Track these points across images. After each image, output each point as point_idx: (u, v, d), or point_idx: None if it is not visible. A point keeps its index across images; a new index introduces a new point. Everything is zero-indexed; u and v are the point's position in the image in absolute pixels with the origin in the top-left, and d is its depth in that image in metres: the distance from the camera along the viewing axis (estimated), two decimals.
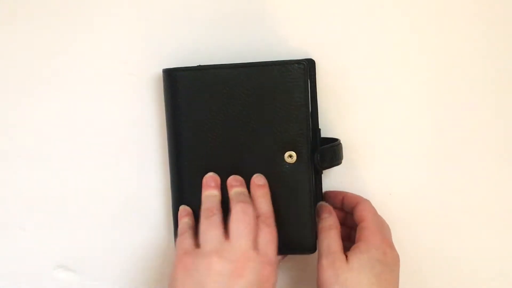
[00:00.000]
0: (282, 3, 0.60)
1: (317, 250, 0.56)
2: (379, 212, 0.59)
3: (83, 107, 0.62)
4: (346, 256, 0.54)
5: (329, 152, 0.58)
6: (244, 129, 0.56)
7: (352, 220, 0.59)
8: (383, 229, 0.56)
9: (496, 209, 0.62)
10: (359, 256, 0.53)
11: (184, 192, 0.58)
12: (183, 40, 0.60)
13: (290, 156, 0.56)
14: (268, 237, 0.53)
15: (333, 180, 0.62)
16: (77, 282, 0.63)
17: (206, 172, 0.56)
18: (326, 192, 0.61)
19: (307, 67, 0.56)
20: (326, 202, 0.60)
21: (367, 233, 0.54)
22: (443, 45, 0.60)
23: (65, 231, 0.62)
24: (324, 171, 0.60)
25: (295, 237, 0.57)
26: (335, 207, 0.60)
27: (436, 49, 0.60)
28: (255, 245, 0.52)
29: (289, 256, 0.59)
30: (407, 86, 0.61)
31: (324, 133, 0.60)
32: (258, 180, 0.56)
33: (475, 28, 0.60)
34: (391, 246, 0.55)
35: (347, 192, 0.60)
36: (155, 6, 0.60)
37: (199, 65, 0.57)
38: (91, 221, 0.62)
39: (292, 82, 0.56)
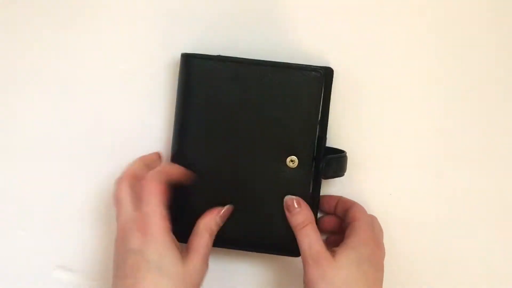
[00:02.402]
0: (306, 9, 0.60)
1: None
2: (379, 212, 0.60)
3: (84, 107, 0.62)
4: (333, 252, 0.53)
5: (334, 162, 0.58)
6: (250, 126, 0.56)
7: (345, 226, 0.58)
8: (374, 228, 0.56)
9: (496, 210, 0.62)
10: (347, 253, 0.53)
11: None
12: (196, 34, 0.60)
13: (292, 161, 0.56)
14: None
15: (334, 180, 0.62)
16: (77, 282, 0.63)
17: (206, 166, 0.57)
18: (322, 196, 0.60)
19: (323, 76, 0.56)
20: (322, 206, 0.60)
21: (357, 230, 0.54)
22: (454, 58, 0.61)
23: (65, 231, 0.62)
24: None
25: (287, 239, 0.56)
26: (329, 213, 0.61)
27: (449, 64, 0.61)
28: None
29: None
30: (407, 85, 0.61)
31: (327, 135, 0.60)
32: None
33: (476, 27, 0.60)
34: (379, 246, 0.55)
35: (341, 196, 0.60)
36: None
37: (219, 55, 0.57)
38: (91, 221, 0.62)
39: (306, 89, 0.56)
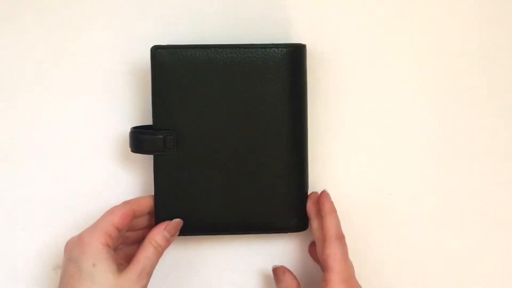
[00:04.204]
0: None
1: None
2: (379, 212, 0.60)
3: (82, 107, 0.62)
4: None
5: None
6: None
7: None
8: (349, 280, 0.55)
9: (496, 209, 0.62)
10: None
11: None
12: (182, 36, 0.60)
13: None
14: None
15: (332, 179, 0.62)
16: None
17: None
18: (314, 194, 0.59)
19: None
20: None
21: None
22: (443, 44, 0.61)
23: (65, 231, 0.62)
24: (324, 171, 0.61)
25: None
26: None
27: (437, 49, 0.61)
28: None
29: None
30: (406, 83, 0.62)
31: (318, 131, 0.61)
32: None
33: (475, 27, 0.61)
34: None
35: (323, 198, 0.58)
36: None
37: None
38: (91, 221, 0.62)
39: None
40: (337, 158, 0.62)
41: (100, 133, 0.62)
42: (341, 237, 0.56)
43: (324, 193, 0.58)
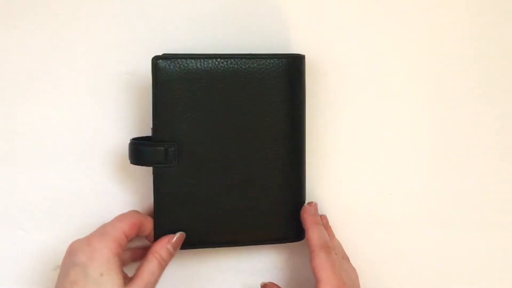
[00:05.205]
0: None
1: None
2: (379, 212, 0.60)
3: (82, 107, 0.62)
4: None
5: None
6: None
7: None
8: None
9: (496, 209, 0.63)
10: None
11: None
12: (181, 38, 0.60)
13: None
14: None
15: (332, 179, 0.62)
16: None
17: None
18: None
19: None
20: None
21: None
22: (442, 46, 0.61)
23: (65, 231, 0.62)
24: (324, 171, 0.61)
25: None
26: None
27: (436, 50, 0.61)
28: None
29: None
30: (406, 85, 0.62)
31: (318, 133, 0.61)
32: None
33: (475, 27, 0.61)
34: None
35: (305, 215, 0.58)
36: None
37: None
38: (91, 221, 0.62)
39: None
40: (337, 158, 0.62)
41: (100, 135, 0.62)
42: (325, 247, 0.55)
43: (304, 208, 0.59)
